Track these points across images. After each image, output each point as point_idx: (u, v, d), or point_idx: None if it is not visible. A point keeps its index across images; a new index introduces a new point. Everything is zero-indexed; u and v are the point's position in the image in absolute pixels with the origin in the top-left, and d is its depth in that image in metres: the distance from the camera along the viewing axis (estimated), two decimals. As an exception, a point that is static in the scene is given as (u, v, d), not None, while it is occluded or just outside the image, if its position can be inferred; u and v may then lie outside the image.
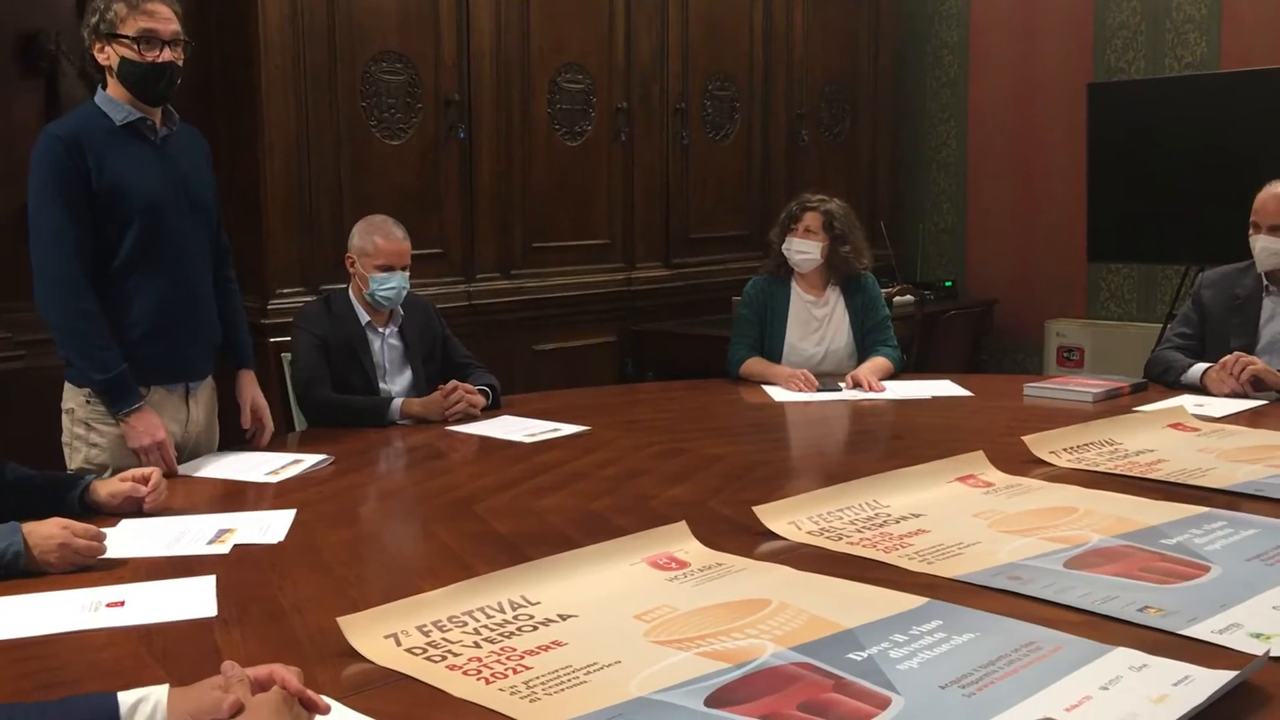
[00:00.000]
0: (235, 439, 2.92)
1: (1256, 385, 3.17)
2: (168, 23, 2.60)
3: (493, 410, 3.23)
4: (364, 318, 3.23)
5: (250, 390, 2.90)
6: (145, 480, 2.23)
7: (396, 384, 3.26)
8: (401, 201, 4.28)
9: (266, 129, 4.06)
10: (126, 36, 2.58)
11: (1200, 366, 3.31)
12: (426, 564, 2.05)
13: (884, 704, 1.35)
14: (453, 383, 3.16)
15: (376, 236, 3.19)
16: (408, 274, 3.22)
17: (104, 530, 1.98)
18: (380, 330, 3.26)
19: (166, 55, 2.60)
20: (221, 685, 1.26)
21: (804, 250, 3.74)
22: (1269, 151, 4.74)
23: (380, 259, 3.17)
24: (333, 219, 4.16)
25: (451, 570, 1.86)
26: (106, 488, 2.22)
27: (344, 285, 3.31)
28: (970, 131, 6.45)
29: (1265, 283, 3.36)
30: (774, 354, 3.79)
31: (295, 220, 4.16)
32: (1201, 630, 1.55)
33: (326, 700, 1.32)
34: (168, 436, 2.65)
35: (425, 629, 1.59)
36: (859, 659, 1.48)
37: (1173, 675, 1.39)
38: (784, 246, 3.76)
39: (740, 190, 5.71)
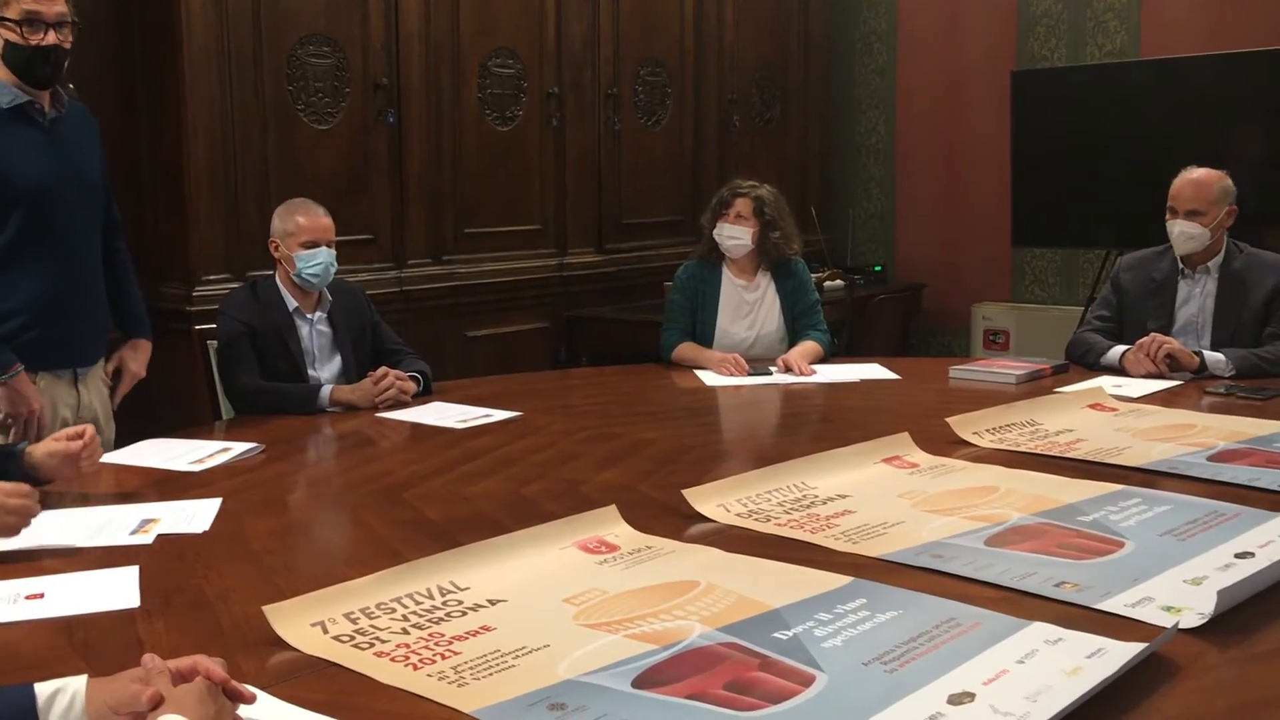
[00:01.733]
0: (159, 426, 2.88)
1: (1172, 366, 3.26)
2: (52, 4, 2.55)
3: (424, 397, 3.22)
4: (291, 304, 3.20)
5: (133, 360, 2.89)
6: (80, 436, 2.18)
7: (325, 371, 3.24)
8: (330, 187, 4.24)
9: (190, 113, 3.99)
10: (9, 19, 2.53)
11: (1119, 348, 3.39)
12: (355, 552, 2.04)
13: (808, 681, 1.38)
14: (383, 369, 3.14)
15: (298, 215, 3.16)
16: (334, 251, 3.19)
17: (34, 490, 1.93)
18: (308, 316, 3.23)
19: (51, 38, 2.55)
20: (141, 677, 1.25)
21: (735, 236, 3.76)
22: (1186, 138, 4.86)
23: (304, 236, 3.14)
24: (260, 205, 4.09)
25: (381, 557, 1.85)
26: (42, 448, 2.17)
27: (271, 272, 3.27)
28: (899, 118, 6.52)
29: (1181, 266, 3.45)
30: (705, 338, 3.81)
31: (221, 206, 4.10)
32: (1115, 604, 1.60)
33: (251, 689, 1.31)
34: (42, 408, 2.64)
35: (353, 616, 1.58)
36: (784, 638, 1.50)
37: (1086, 648, 1.43)
38: (715, 232, 3.79)
39: (672, 176, 5.72)
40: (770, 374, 3.52)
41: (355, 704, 1.35)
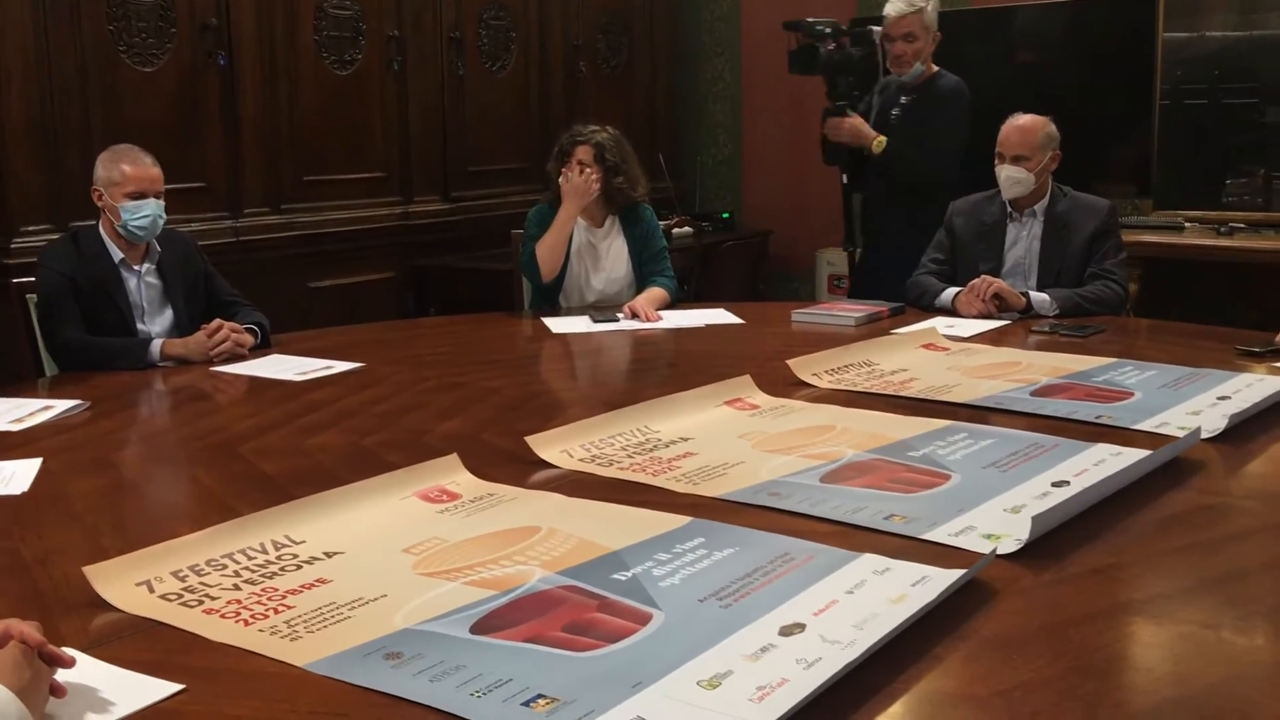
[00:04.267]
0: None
1: (1001, 306, 3.38)
2: None
3: (262, 349, 3.13)
4: (117, 255, 3.06)
5: None
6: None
7: (156, 324, 3.12)
8: (158, 132, 4.06)
9: (3, 56, 3.76)
10: None
11: (951, 290, 3.50)
12: (187, 509, 1.98)
13: (645, 620, 1.39)
14: (217, 321, 3.04)
15: (123, 164, 3.02)
16: (162, 202, 3.06)
17: None
18: (135, 268, 3.10)
19: None
20: (-51, 644, 1.19)
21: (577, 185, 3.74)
22: (1010, 85, 5.02)
23: (129, 186, 3.00)
24: (82, 152, 3.90)
25: (213, 514, 1.80)
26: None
27: (94, 222, 3.13)
28: (744, 64, 6.57)
29: (1009, 210, 3.57)
30: (557, 284, 3.80)
31: (39, 154, 3.90)
32: (939, 534, 1.66)
33: (71, 653, 1.26)
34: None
35: (181, 574, 1.54)
36: (623, 579, 1.52)
37: (911, 577, 1.48)
38: (560, 180, 3.76)
39: (519, 122, 5.66)
40: (617, 320, 3.53)
41: (181, 663, 1.31)
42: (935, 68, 4.20)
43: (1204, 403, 2.37)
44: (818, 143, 4.43)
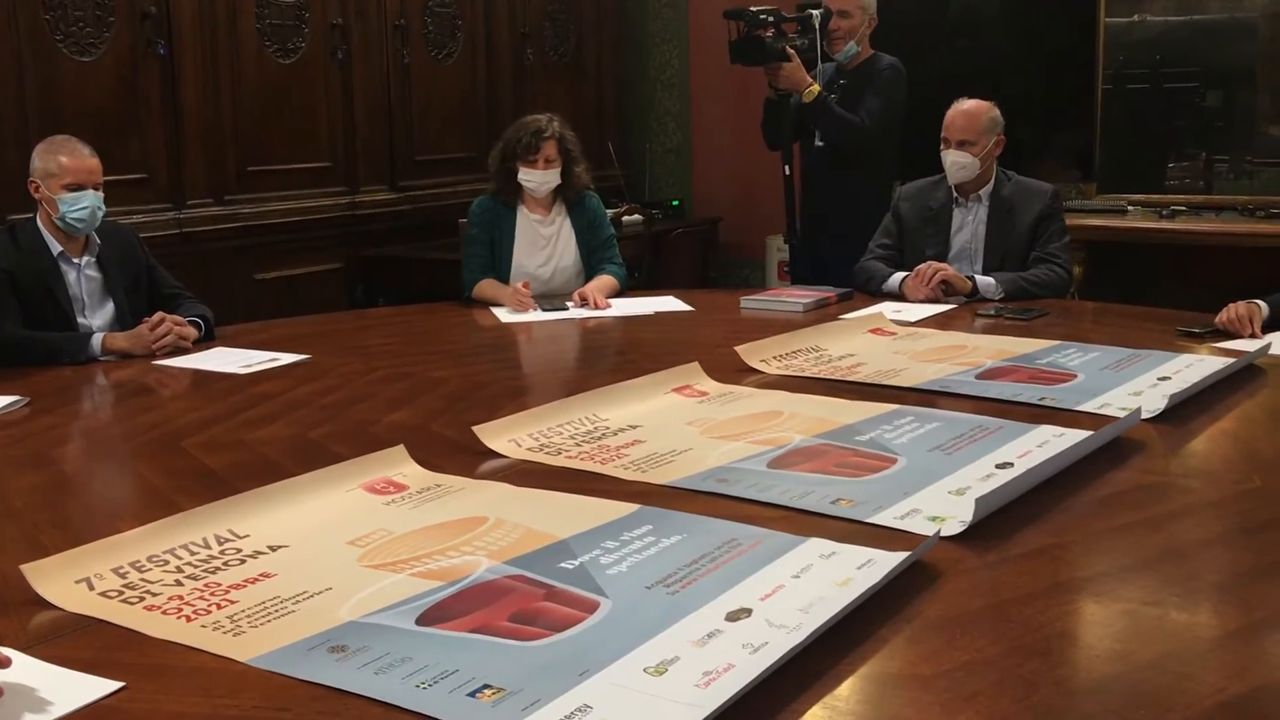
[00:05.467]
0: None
1: (947, 290, 3.41)
2: None
3: (206, 342, 3.09)
4: (56, 248, 3.01)
5: None
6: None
7: (98, 318, 3.07)
8: (97, 123, 3.99)
9: (-67, 44, 3.69)
10: None
11: (899, 275, 3.52)
12: (128, 505, 1.96)
13: (592, 608, 1.39)
14: (159, 314, 3.00)
15: (60, 155, 2.97)
16: (101, 194, 3.01)
17: None
18: (75, 261, 3.05)
19: None
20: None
21: (546, 181, 3.72)
22: (954, 70, 5.06)
23: (67, 178, 2.95)
24: (18, 144, 3.82)
25: (155, 509, 1.77)
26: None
27: (32, 215, 3.07)
28: (692, 51, 6.56)
29: (955, 195, 3.60)
30: (502, 274, 3.78)
31: (-26, 145, 3.81)
32: (885, 517, 1.67)
33: (8, 652, 1.24)
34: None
35: (122, 570, 1.52)
36: (571, 567, 1.52)
37: (857, 560, 1.49)
38: (523, 177, 3.72)
39: (466, 111, 5.62)
40: (565, 309, 3.52)
41: (121, 660, 1.29)
42: (872, 50, 4.22)
43: (1145, 384, 2.40)
44: (762, 128, 4.44)
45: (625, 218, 5.59)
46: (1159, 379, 2.43)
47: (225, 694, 1.22)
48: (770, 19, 4.13)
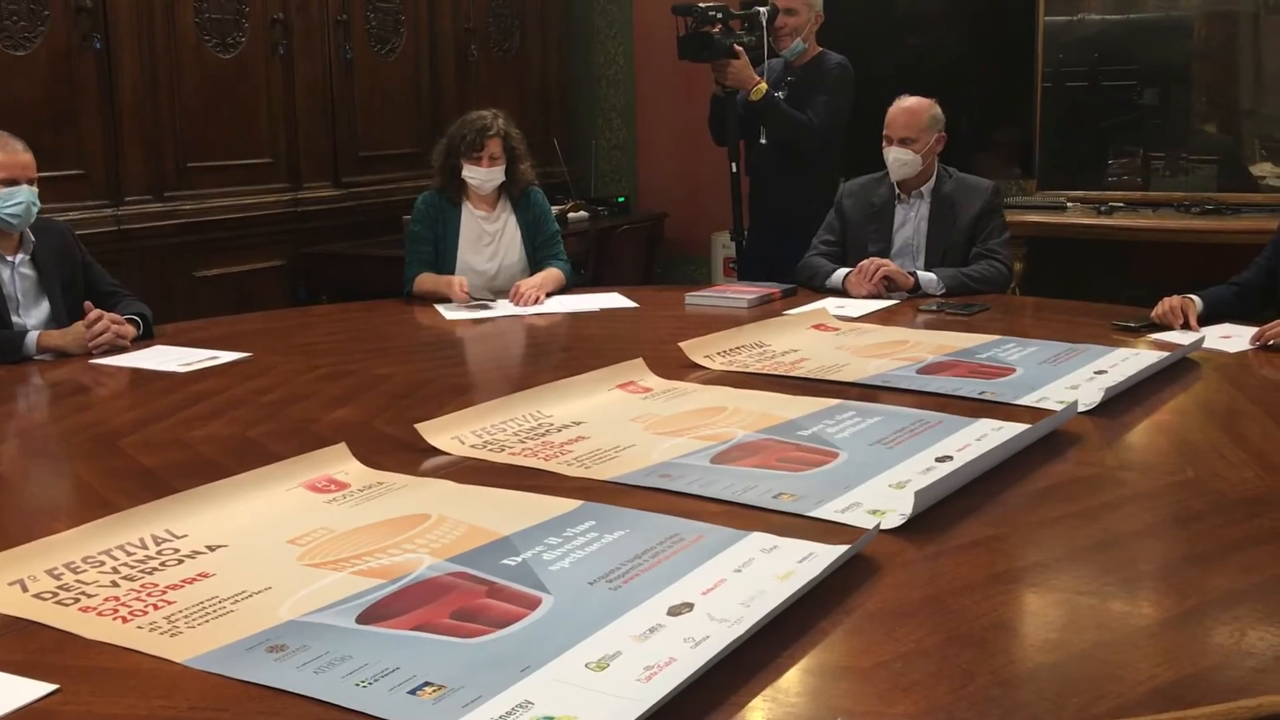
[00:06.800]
0: None
1: (890, 286, 3.44)
2: None
3: (144, 340, 3.05)
4: (-12, 245, 2.95)
5: None
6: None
7: (32, 316, 3.01)
8: (31, 118, 3.91)
9: None
10: None
11: (842, 271, 3.55)
12: (63, 505, 1.92)
13: (534, 604, 1.39)
14: (96, 311, 2.95)
15: (-8, 150, 2.91)
16: (35, 190, 2.95)
17: None
18: (9, 259, 2.98)
19: None
20: None
21: (491, 178, 3.71)
22: (896, 67, 5.11)
23: (0, 173, 2.89)
24: (-51, 138, 3.74)
25: (91, 509, 1.75)
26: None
27: (-37, 211, 3.00)
28: (637, 48, 6.56)
29: (897, 191, 3.63)
30: (447, 271, 3.76)
31: (-97, 140, 3.72)
32: (826, 511, 1.69)
33: (-64, 657, 1.22)
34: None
35: (56, 572, 1.49)
36: (513, 564, 1.51)
37: (798, 554, 1.50)
38: (466, 174, 3.70)
39: (410, 107, 5.57)
40: (491, 307, 3.49)
41: (54, 662, 1.27)
42: (819, 48, 4.24)
43: (1082, 377, 2.44)
44: (708, 124, 4.44)
45: (571, 214, 5.60)
46: (1096, 373, 2.47)
47: (161, 695, 1.21)
48: (718, 15, 4.13)
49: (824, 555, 1.48)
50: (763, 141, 4.23)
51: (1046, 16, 5.25)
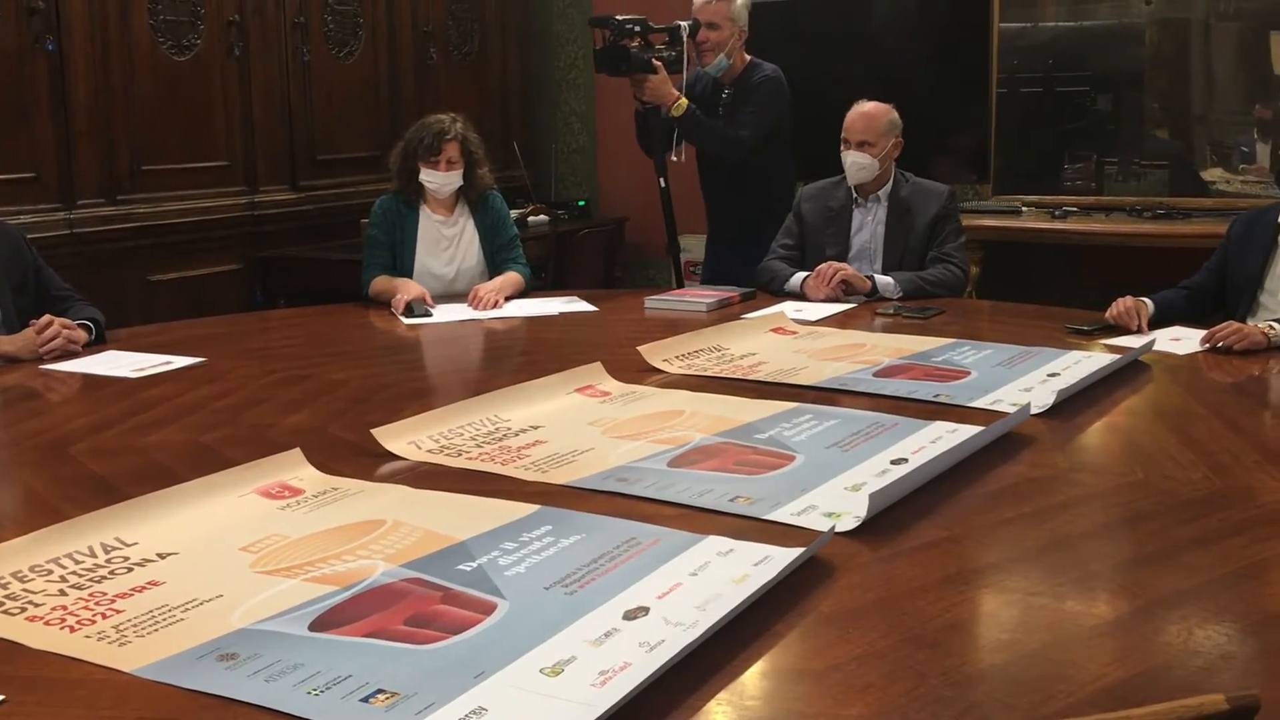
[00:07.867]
0: None
1: (847, 290, 3.46)
2: None
3: (96, 345, 3.01)
4: (-64, 249, 2.91)
5: None
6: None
7: (-19, 322, 2.97)
8: (-20, 120, 3.86)
9: None
10: None
11: (800, 275, 3.56)
12: (10, 513, 1.89)
13: (489, 609, 1.39)
14: (46, 317, 2.91)
15: (-60, 156, 2.87)
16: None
17: None
18: (-43, 263, 2.94)
19: None
20: None
21: (449, 182, 3.69)
22: (852, 71, 5.14)
23: None
24: (-104, 140, 3.69)
25: (39, 517, 1.72)
26: None
27: (-90, 214, 2.96)
28: (597, 52, 6.55)
29: (855, 195, 3.65)
30: (405, 274, 3.74)
31: None
32: (783, 514, 1.69)
33: (-123, 668, 1.20)
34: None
35: (3, 581, 1.47)
36: (469, 569, 1.51)
37: (754, 557, 1.50)
38: (424, 178, 3.69)
39: (369, 110, 5.54)
40: (429, 315, 3.45)
41: (0, 673, 1.25)
42: (748, 58, 4.13)
43: (1035, 380, 2.46)
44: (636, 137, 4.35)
45: (531, 218, 5.59)
46: (1048, 375, 2.50)
47: (109, 705, 1.19)
48: (637, 29, 3.98)
49: (780, 558, 1.48)
50: (676, 159, 4.14)
51: (1001, 23, 5.31)
